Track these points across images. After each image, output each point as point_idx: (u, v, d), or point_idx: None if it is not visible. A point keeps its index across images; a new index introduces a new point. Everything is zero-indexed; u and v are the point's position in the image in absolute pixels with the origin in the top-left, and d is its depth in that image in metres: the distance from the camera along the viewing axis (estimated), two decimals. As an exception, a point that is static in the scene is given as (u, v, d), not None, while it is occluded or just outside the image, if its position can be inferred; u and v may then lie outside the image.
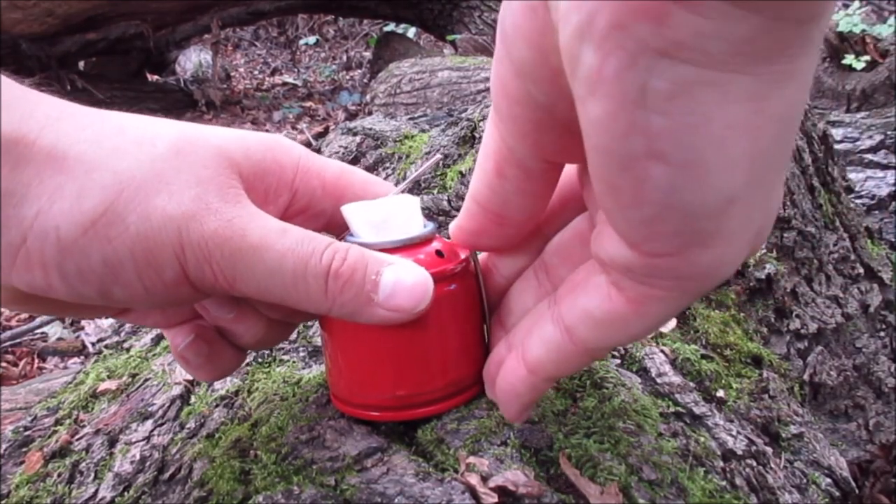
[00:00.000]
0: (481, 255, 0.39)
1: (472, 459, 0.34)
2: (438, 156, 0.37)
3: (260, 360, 0.51)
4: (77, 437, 0.49)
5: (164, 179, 0.29)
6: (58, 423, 0.52)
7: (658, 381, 0.47)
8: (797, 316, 0.66)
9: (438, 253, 0.37)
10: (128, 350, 0.62)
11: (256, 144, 0.34)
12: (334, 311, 0.33)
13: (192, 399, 0.49)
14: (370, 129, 0.90)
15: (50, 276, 0.29)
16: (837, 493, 0.47)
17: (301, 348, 0.51)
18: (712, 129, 0.20)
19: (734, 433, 0.45)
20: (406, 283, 0.33)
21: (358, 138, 0.89)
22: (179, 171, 0.30)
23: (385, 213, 0.37)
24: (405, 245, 0.36)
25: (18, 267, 0.29)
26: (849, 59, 1.77)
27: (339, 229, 0.39)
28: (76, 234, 0.28)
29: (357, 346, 0.37)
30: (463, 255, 0.38)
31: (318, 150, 0.92)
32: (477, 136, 0.75)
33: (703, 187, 0.21)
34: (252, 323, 0.38)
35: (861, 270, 0.73)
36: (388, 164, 0.84)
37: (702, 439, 0.43)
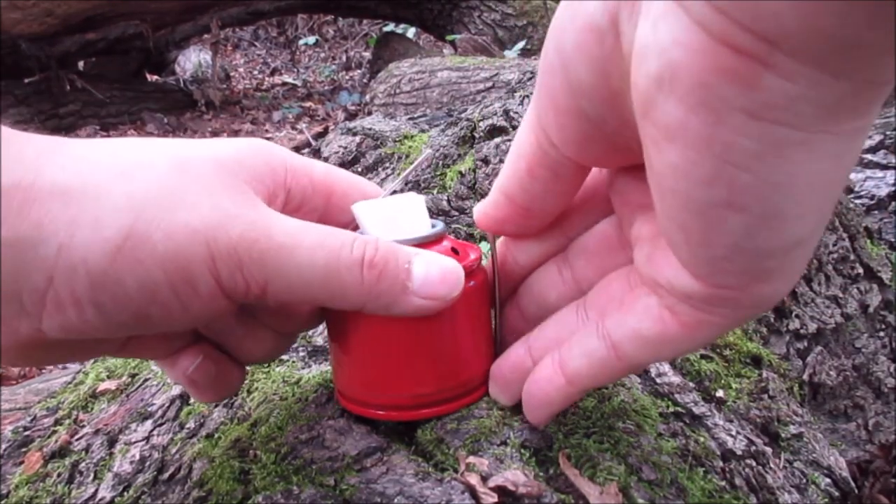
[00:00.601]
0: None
1: (471, 459, 0.35)
2: (429, 151, 0.37)
3: (259, 360, 0.51)
4: (77, 437, 0.49)
5: (178, 195, 0.29)
6: (57, 423, 0.52)
7: (657, 381, 0.47)
8: (797, 316, 0.66)
9: (454, 250, 0.37)
10: (127, 350, 0.62)
11: (246, 149, 0.34)
12: (370, 304, 0.32)
13: (192, 399, 0.49)
14: (370, 129, 0.90)
15: (85, 311, 0.28)
16: (837, 493, 0.47)
17: (301, 348, 0.51)
18: (795, 185, 0.20)
19: (734, 433, 0.45)
20: (437, 270, 0.33)
21: (357, 138, 0.89)
22: (189, 185, 0.29)
23: (394, 211, 0.37)
24: (421, 243, 0.36)
25: (49, 310, 0.28)
26: (848, 60, 1.77)
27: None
28: (105, 263, 0.27)
29: (373, 345, 0.37)
30: (473, 254, 0.38)
31: (318, 150, 0.92)
32: (476, 136, 0.75)
33: (777, 234, 0.22)
34: (261, 337, 0.38)
35: (860, 270, 0.74)
36: (387, 164, 0.84)
37: (701, 439, 0.43)
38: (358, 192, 0.38)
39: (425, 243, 0.37)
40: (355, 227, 0.38)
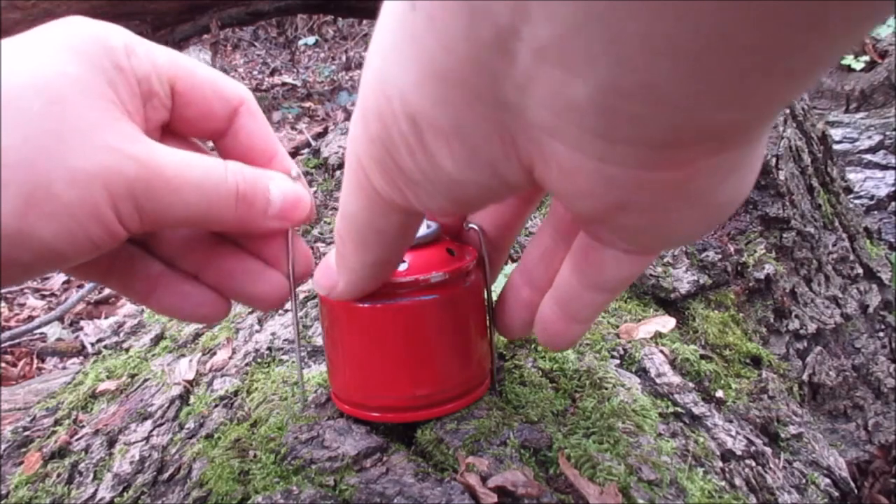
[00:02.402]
0: None
1: (471, 459, 0.35)
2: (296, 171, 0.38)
3: (259, 360, 0.51)
4: (76, 437, 0.49)
5: (64, 137, 0.29)
6: (57, 423, 0.52)
7: (657, 381, 0.47)
8: (796, 316, 0.66)
9: (450, 251, 0.37)
10: (127, 350, 0.62)
11: (93, 53, 0.32)
12: (237, 227, 0.35)
13: (192, 399, 0.49)
14: (369, 129, 0.90)
15: (7, 269, 0.29)
16: (836, 494, 0.47)
17: (300, 349, 0.51)
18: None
19: (733, 433, 0.45)
20: (291, 197, 0.36)
21: (357, 138, 0.89)
22: (67, 122, 0.30)
23: None
24: (418, 244, 0.36)
25: None
26: (847, 60, 1.77)
27: (182, 120, 0.37)
28: (16, 223, 0.28)
29: (370, 345, 0.36)
30: (470, 254, 0.38)
31: (318, 150, 0.92)
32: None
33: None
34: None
35: (860, 271, 0.74)
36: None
37: (701, 439, 0.43)
38: (207, 83, 0.37)
39: (423, 244, 0.37)
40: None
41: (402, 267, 0.36)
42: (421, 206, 0.25)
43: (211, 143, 0.40)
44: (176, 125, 0.37)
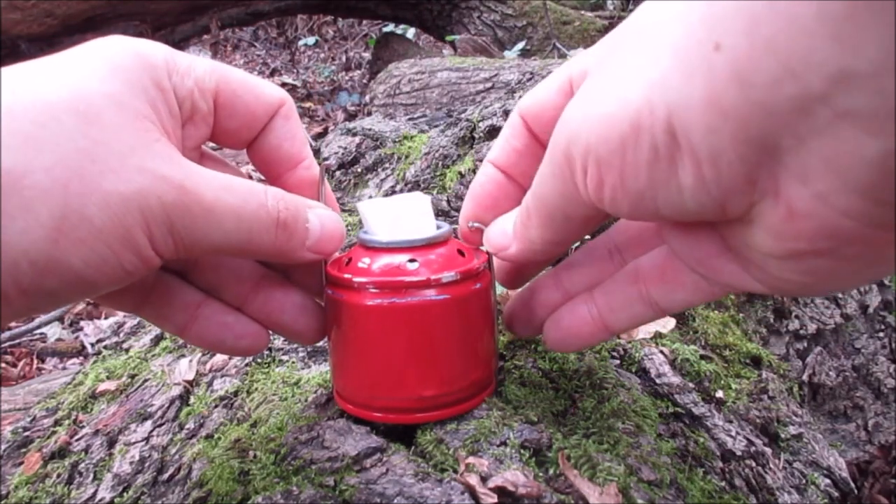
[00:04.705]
0: None
1: (471, 460, 0.34)
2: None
3: (259, 360, 0.51)
4: (76, 437, 0.49)
5: (98, 159, 0.28)
6: (57, 423, 0.52)
7: (657, 381, 0.47)
8: (796, 316, 0.66)
9: (460, 252, 0.37)
10: (127, 351, 0.62)
11: (131, 70, 0.31)
12: (274, 257, 0.35)
13: (192, 400, 0.49)
14: (369, 129, 0.90)
15: (33, 298, 0.28)
16: (836, 494, 0.47)
17: (300, 349, 0.51)
18: None
19: (733, 434, 0.45)
20: (329, 230, 0.36)
21: (357, 139, 0.89)
22: (103, 143, 0.29)
23: (399, 210, 0.37)
24: (429, 244, 0.36)
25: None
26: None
27: (224, 133, 0.36)
28: (48, 248, 0.27)
29: (376, 346, 0.36)
30: (479, 257, 0.38)
31: (318, 151, 0.92)
32: (476, 136, 0.75)
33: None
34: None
35: (860, 271, 0.73)
36: (387, 165, 0.84)
37: (701, 440, 0.43)
38: (249, 93, 0.36)
39: (434, 244, 0.37)
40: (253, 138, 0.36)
41: (413, 266, 0.36)
42: (615, 209, 0.27)
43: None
44: (217, 137, 0.36)
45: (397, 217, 0.37)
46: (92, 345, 1.35)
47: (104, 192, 0.28)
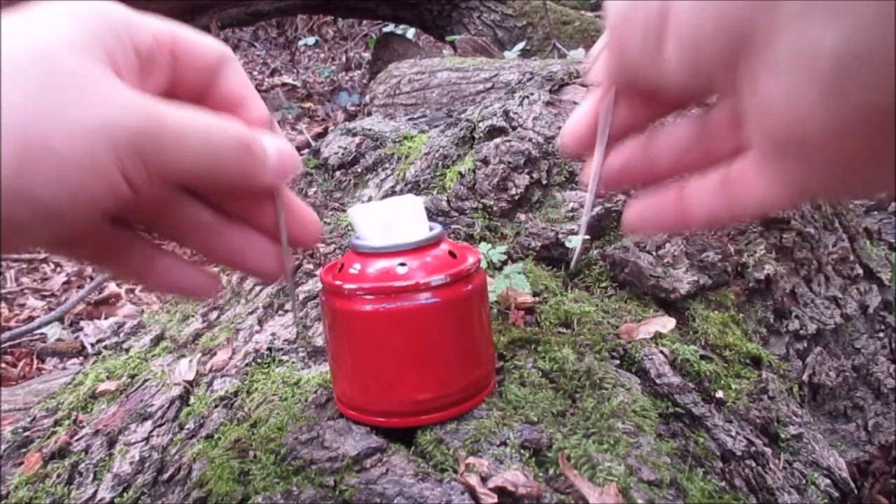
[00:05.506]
0: None
1: (471, 460, 0.35)
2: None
3: (259, 360, 0.51)
4: (76, 437, 0.49)
5: (59, 92, 0.29)
6: (57, 423, 0.52)
7: (657, 381, 0.47)
8: (796, 317, 0.66)
9: (451, 254, 0.37)
10: (127, 351, 0.62)
11: (90, 21, 0.33)
12: (240, 182, 0.35)
13: (192, 400, 0.49)
14: (369, 129, 0.90)
15: (7, 232, 0.29)
16: (836, 494, 0.47)
17: (300, 349, 0.51)
18: None
19: (733, 434, 0.45)
20: (285, 152, 0.36)
21: (357, 139, 0.89)
22: (67, 81, 0.29)
23: (391, 214, 0.37)
24: (419, 247, 0.36)
25: None
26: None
27: (184, 87, 0.38)
28: (12, 179, 0.28)
29: (374, 350, 0.36)
30: (472, 257, 0.38)
31: (318, 151, 0.92)
32: (476, 136, 0.75)
33: None
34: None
35: (860, 271, 0.74)
36: (387, 165, 0.84)
37: (701, 440, 0.43)
38: (198, 44, 0.37)
39: (425, 247, 0.37)
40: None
41: (402, 270, 0.36)
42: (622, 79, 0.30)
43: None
44: (174, 90, 0.37)
45: (388, 221, 0.37)
46: (92, 345, 1.35)
47: (68, 125, 0.29)
